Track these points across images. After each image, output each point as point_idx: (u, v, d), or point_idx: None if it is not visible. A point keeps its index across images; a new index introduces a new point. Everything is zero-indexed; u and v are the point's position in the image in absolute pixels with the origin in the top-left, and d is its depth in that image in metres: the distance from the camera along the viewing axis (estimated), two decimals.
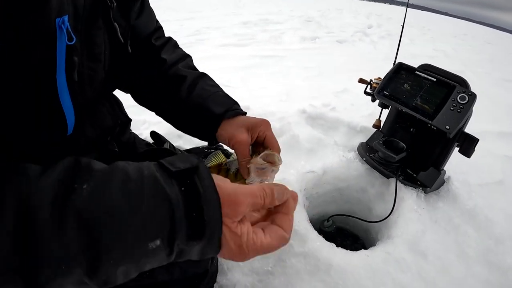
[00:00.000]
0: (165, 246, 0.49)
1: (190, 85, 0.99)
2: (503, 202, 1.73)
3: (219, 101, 0.97)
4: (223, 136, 0.93)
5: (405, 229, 1.24)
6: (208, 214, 0.50)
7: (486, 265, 1.33)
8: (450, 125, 1.29)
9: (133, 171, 0.50)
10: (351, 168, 1.48)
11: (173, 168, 0.52)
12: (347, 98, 2.35)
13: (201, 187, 0.51)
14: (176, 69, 1.02)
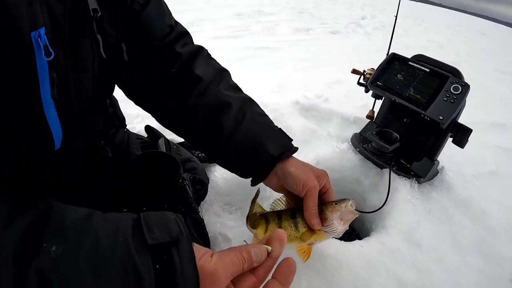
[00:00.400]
0: None
1: (237, 115, 0.91)
2: (497, 193, 1.73)
3: (275, 138, 0.93)
4: (283, 175, 0.90)
5: (399, 220, 1.24)
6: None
7: (481, 256, 1.33)
8: (443, 116, 1.29)
9: (106, 235, 0.47)
10: (344, 159, 1.48)
11: (150, 239, 0.49)
12: (341, 89, 2.34)
13: (178, 264, 0.49)
14: (217, 92, 0.92)
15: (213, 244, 1.18)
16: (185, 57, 0.94)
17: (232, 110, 0.90)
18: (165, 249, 0.49)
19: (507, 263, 1.38)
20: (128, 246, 0.47)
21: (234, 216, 1.30)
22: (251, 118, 0.92)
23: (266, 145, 0.89)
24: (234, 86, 1.00)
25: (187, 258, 0.50)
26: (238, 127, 0.90)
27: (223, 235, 1.21)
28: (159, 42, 0.91)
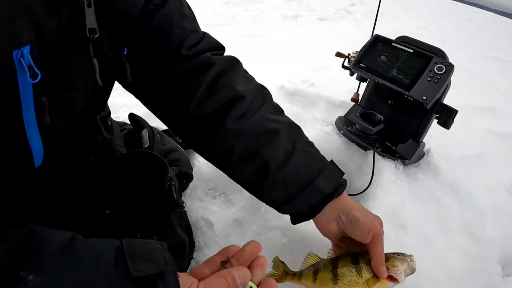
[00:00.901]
0: None
1: (286, 145, 0.83)
2: (483, 175, 1.73)
3: (328, 172, 0.85)
4: (351, 220, 0.84)
5: (383, 201, 1.22)
6: None
7: (468, 237, 1.33)
8: (427, 96, 1.28)
9: (87, 265, 0.45)
10: (328, 142, 1.46)
11: (135, 271, 0.46)
12: (327, 74, 2.32)
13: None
14: (261, 115, 0.84)
15: (195, 228, 1.16)
16: (219, 68, 0.83)
17: (281, 139, 0.82)
18: (150, 282, 0.47)
19: (495, 245, 1.38)
20: (110, 278, 0.45)
21: (218, 200, 1.29)
22: (302, 150, 0.86)
23: (318, 180, 0.82)
24: (278, 109, 0.93)
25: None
26: (288, 159, 0.82)
27: (205, 219, 1.19)
28: (186, 51, 0.80)
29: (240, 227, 1.18)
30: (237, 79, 0.85)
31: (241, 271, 0.59)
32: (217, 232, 1.16)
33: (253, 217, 1.19)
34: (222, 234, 1.16)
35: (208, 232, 1.16)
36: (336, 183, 0.84)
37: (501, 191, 1.72)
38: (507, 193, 1.73)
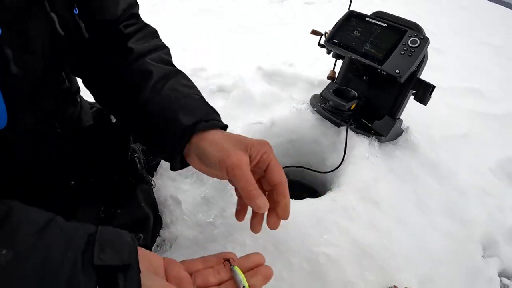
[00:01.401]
0: None
1: (156, 84, 0.78)
2: (468, 155, 1.70)
3: (191, 107, 0.76)
4: (201, 150, 0.71)
5: (354, 177, 1.18)
6: None
7: (449, 217, 1.29)
8: (400, 69, 1.24)
9: (57, 249, 0.46)
10: (301, 119, 1.42)
11: (98, 260, 0.47)
12: (308, 55, 2.27)
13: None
14: (142, 62, 0.82)
15: (163, 206, 1.14)
16: (126, 32, 0.85)
17: (152, 78, 0.79)
18: (111, 273, 0.47)
19: (477, 225, 1.34)
20: (75, 263, 0.45)
21: (190, 180, 1.25)
22: (171, 88, 0.79)
23: (179, 114, 0.74)
24: (165, 60, 0.86)
25: (132, 286, 0.47)
26: (154, 97, 0.77)
27: (174, 198, 1.16)
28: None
29: (208, 205, 1.15)
30: (137, 40, 0.86)
31: None
32: (185, 210, 1.14)
33: (220, 194, 1.16)
34: (190, 212, 1.13)
35: (175, 210, 1.14)
36: (199, 117, 0.74)
37: (485, 171, 1.68)
38: (492, 174, 1.69)
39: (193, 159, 0.74)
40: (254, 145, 0.70)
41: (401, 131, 1.47)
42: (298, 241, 1.00)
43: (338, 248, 1.01)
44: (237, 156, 0.66)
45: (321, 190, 1.50)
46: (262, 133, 1.35)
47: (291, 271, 0.98)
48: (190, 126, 0.72)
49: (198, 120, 0.73)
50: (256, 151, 0.69)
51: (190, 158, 0.75)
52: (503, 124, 2.06)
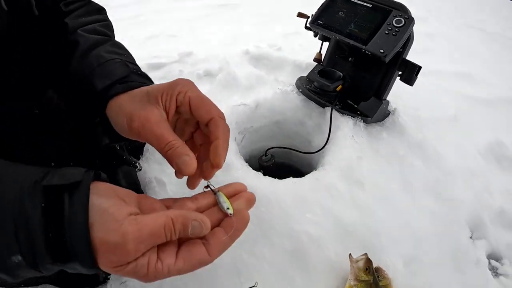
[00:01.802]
0: (28, 263, 0.44)
1: (83, 53, 0.73)
2: (455, 137, 1.69)
3: (109, 71, 0.69)
4: (117, 118, 0.62)
5: (338, 156, 1.17)
6: (70, 237, 0.44)
7: (434, 197, 1.29)
8: (384, 49, 1.22)
9: (7, 181, 0.45)
10: (286, 100, 1.40)
11: (46, 182, 0.45)
12: (296, 39, 2.27)
13: (67, 209, 0.44)
14: (74, 35, 0.77)
15: (148, 188, 1.14)
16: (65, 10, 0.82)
17: (79, 48, 0.74)
18: (57, 192, 0.45)
19: (463, 206, 1.34)
20: (22, 189, 0.44)
21: None
22: (96, 55, 0.73)
23: (94, 79, 0.67)
24: (99, 31, 0.81)
25: (79, 205, 0.45)
26: (77, 67, 0.72)
27: (158, 179, 1.16)
28: None
29: None
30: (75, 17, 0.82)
31: (199, 222, 0.50)
32: (169, 191, 1.14)
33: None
34: (174, 193, 1.14)
35: (160, 191, 1.14)
36: (115, 79, 0.66)
37: (473, 153, 1.68)
38: (480, 156, 1.69)
39: (115, 127, 0.65)
40: (165, 90, 0.59)
41: (388, 112, 1.46)
42: (280, 220, 1.00)
43: (320, 227, 1.01)
44: (140, 115, 0.57)
45: (307, 171, 1.49)
46: (247, 115, 1.34)
47: (273, 250, 0.97)
48: (103, 89, 0.65)
49: (112, 82, 0.65)
50: (168, 97, 0.59)
51: (114, 126, 0.66)
52: (492, 107, 2.06)
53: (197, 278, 0.94)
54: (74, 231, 0.44)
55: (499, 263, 1.38)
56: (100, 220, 0.45)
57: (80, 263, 0.45)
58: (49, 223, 0.44)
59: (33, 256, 0.44)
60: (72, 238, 0.44)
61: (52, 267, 0.46)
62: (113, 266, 0.46)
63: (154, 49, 2.10)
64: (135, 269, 0.46)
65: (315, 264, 0.97)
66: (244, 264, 0.96)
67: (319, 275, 0.97)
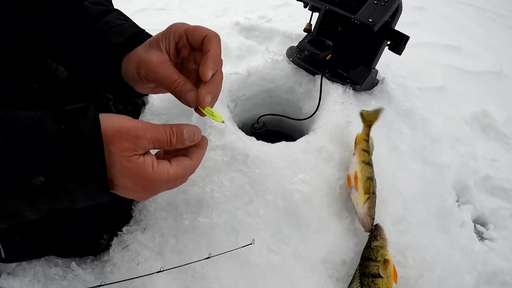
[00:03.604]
0: (50, 182, 0.49)
1: (93, 20, 0.79)
2: (443, 106, 1.73)
3: (122, 31, 0.76)
4: (130, 71, 0.70)
5: (328, 120, 1.19)
6: (85, 151, 0.50)
7: (421, 162, 1.32)
8: (373, 18, 1.24)
9: (23, 114, 0.51)
10: (277, 69, 1.42)
11: (59, 109, 0.52)
12: (286, 10, 2.28)
13: (82, 126, 0.51)
14: (81, 5, 0.83)
15: None
16: None
17: (88, 17, 0.80)
18: (71, 115, 0.52)
19: (449, 170, 1.38)
20: (40, 118, 0.51)
21: None
22: (105, 22, 0.79)
23: (110, 38, 0.75)
24: (104, 4, 0.87)
25: (91, 121, 0.52)
26: (90, 31, 0.79)
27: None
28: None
29: None
30: None
31: (191, 128, 0.61)
32: None
33: None
34: None
35: None
36: (127, 36, 0.74)
37: (460, 121, 1.72)
38: (466, 125, 1.73)
39: (129, 82, 0.74)
40: (163, 34, 0.67)
41: (376, 81, 1.48)
42: (273, 180, 1.03)
43: (312, 187, 1.04)
44: (145, 59, 0.65)
45: (298, 138, 1.52)
46: (239, 83, 1.36)
47: (267, 208, 1.01)
48: (119, 44, 0.73)
49: (126, 38, 0.73)
50: (166, 39, 0.66)
51: (128, 82, 0.75)
52: (479, 80, 2.09)
53: (196, 239, 0.98)
54: (90, 142, 0.51)
55: (485, 228, 1.42)
56: (112, 124, 0.54)
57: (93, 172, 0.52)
58: (67, 140, 0.50)
59: (54, 174, 0.49)
60: (87, 148, 0.51)
61: (71, 186, 0.51)
62: (124, 154, 0.53)
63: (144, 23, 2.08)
64: (143, 165, 0.55)
65: (308, 222, 1.01)
66: (240, 224, 0.99)
67: (312, 233, 1.01)
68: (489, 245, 1.34)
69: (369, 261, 0.95)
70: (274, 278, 0.96)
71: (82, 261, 1.02)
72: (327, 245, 1.01)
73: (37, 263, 0.98)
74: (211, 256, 0.86)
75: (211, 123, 1.12)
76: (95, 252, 1.03)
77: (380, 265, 0.94)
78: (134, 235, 1.00)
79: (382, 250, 0.96)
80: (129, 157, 0.54)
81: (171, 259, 0.95)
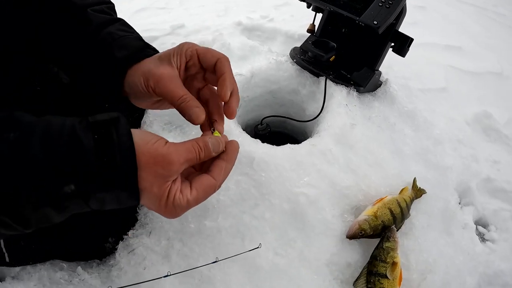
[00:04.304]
0: (80, 190, 0.50)
1: (95, 31, 0.79)
2: (445, 108, 1.73)
3: (125, 44, 0.76)
4: (134, 84, 0.71)
5: (332, 123, 1.20)
6: (120, 160, 0.51)
7: (424, 164, 1.32)
8: (378, 20, 1.24)
9: (56, 123, 0.51)
10: (281, 70, 1.42)
11: (91, 119, 0.52)
12: (287, 10, 2.26)
13: (115, 136, 0.52)
14: (84, 13, 0.82)
15: None
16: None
17: (91, 27, 0.80)
18: (104, 125, 0.53)
19: (452, 172, 1.37)
20: (73, 127, 0.51)
21: (174, 133, 1.27)
22: (108, 33, 0.79)
23: (114, 51, 0.75)
24: (107, 13, 0.87)
25: (123, 132, 0.53)
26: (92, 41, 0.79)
27: None
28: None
29: None
30: None
31: (215, 139, 0.63)
32: None
33: None
34: None
35: None
36: (131, 51, 0.75)
37: (461, 123, 1.72)
38: (468, 126, 1.73)
39: (130, 95, 0.76)
40: (175, 51, 0.70)
41: (380, 83, 1.48)
42: (279, 183, 1.03)
43: (317, 190, 1.04)
44: (155, 72, 0.68)
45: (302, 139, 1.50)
46: (243, 84, 1.36)
47: (273, 211, 1.01)
48: (123, 58, 0.74)
49: (131, 52, 0.74)
50: (178, 55, 0.69)
51: (129, 95, 0.76)
52: (480, 81, 2.09)
53: (202, 242, 0.98)
54: (123, 152, 0.52)
55: (486, 229, 1.42)
56: (144, 143, 0.55)
57: (126, 182, 0.53)
58: (101, 150, 0.51)
59: (86, 182, 0.50)
60: (122, 157, 0.51)
61: (101, 195, 0.52)
62: (157, 181, 0.55)
63: (145, 22, 2.09)
64: (167, 193, 0.57)
65: (313, 225, 1.01)
66: (246, 227, 1.00)
67: (317, 236, 1.01)
68: (490, 246, 1.34)
69: (378, 261, 0.96)
70: (280, 281, 0.96)
71: (88, 265, 1.02)
72: (332, 248, 1.02)
73: (42, 267, 0.98)
74: (218, 260, 0.86)
75: None
76: (101, 256, 1.03)
77: (389, 266, 0.95)
78: (140, 239, 1.00)
79: (392, 252, 0.97)
80: (160, 185, 0.56)
81: (177, 263, 0.95)
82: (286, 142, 1.18)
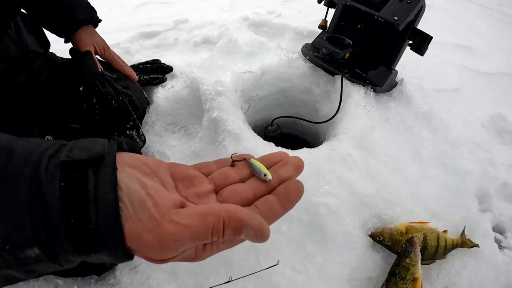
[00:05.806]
0: (47, 255, 0.36)
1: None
2: (460, 108, 1.68)
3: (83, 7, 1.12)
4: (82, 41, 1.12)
5: (351, 125, 1.12)
6: (96, 220, 0.35)
7: (442, 168, 1.27)
8: (398, 16, 1.17)
9: (22, 154, 0.37)
10: (293, 67, 1.34)
11: (64, 157, 0.37)
12: (295, 5, 2.19)
13: (92, 184, 0.36)
14: None
15: None
16: None
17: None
18: (77, 168, 0.37)
19: (471, 177, 1.32)
20: (39, 165, 0.36)
21: (177, 135, 1.22)
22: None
23: (75, 11, 1.09)
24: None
25: (105, 179, 0.37)
26: None
27: (161, 153, 1.13)
28: None
29: (198, 159, 1.08)
30: None
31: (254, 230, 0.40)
32: None
33: (210, 147, 1.09)
34: None
35: None
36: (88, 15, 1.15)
37: (477, 125, 1.66)
38: (483, 128, 1.68)
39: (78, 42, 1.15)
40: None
41: (395, 83, 1.41)
42: None
43: (337, 199, 0.97)
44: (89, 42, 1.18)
45: (313, 142, 1.45)
46: (252, 82, 1.28)
47: (290, 223, 0.94)
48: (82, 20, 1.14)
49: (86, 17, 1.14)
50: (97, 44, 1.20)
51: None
52: (492, 81, 2.04)
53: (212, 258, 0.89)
54: (102, 214, 0.36)
55: (503, 236, 1.37)
56: (133, 208, 0.37)
57: (110, 253, 0.37)
58: (70, 205, 0.36)
59: (52, 247, 0.36)
60: (100, 223, 0.36)
61: (75, 259, 0.38)
62: (150, 260, 0.39)
63: (146, 17, 2.03)
64: (179, 259, 0.40)
65: (334, 237, 0.93)
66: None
67: (337, 249, 0.94)
68: (509, 255, 1.28)
69: (398, 278, 0.90)
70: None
71: (85, 281, 0.93)
72: (352, 262, 0.96)
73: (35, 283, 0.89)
74: (232, 280, 0.76)
75: (225, 127, 1.04)
76: (99, 271, 0.95)
77: (408, 284, 0.88)
78: None
79: (412, 268, 0.90)
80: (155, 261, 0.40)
81: (185, 281, 0.86)
82: (296, 144, 1.11)
